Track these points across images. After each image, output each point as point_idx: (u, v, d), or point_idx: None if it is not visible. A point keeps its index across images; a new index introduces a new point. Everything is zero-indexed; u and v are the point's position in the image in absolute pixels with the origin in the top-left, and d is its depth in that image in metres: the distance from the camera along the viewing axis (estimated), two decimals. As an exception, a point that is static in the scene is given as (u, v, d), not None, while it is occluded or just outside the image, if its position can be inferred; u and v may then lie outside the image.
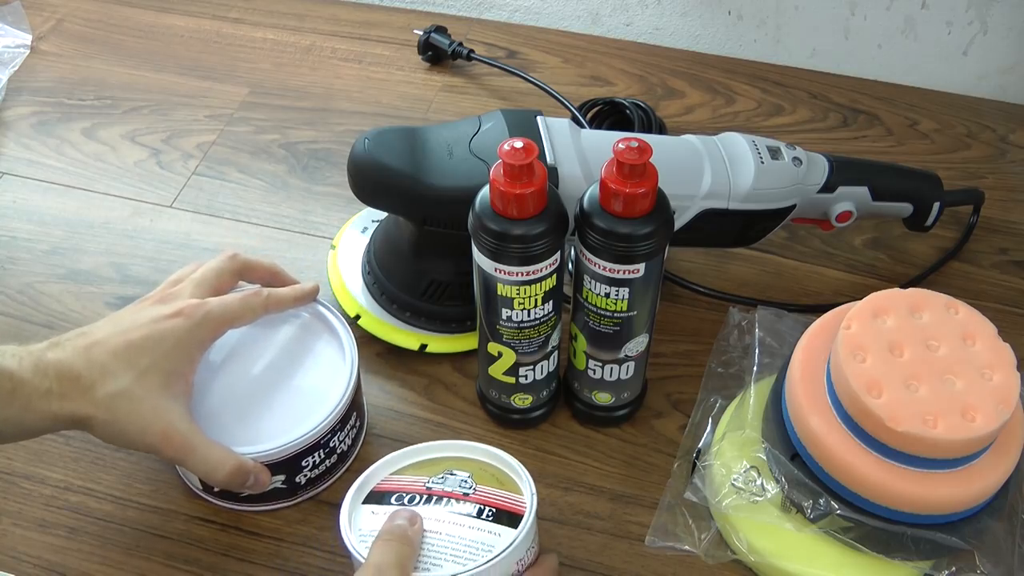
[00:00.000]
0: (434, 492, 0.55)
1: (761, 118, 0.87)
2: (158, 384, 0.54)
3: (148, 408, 0.54)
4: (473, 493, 0.55)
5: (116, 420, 0.54)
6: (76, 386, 0.53)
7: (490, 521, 0.53)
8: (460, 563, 0.51)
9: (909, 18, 0.87)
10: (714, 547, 0.60)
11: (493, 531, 0.53)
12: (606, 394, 0.64)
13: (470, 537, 0.53)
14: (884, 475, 0.53)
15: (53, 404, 0.53)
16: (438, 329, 0.69)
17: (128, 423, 0.54)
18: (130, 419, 0.54)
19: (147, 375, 0.54)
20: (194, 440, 0.55)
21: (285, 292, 0.62)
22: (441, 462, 0.57)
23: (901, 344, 0.54)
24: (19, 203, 0.81)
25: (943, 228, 0.76)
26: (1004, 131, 0.86)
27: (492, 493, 0.55)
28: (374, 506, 0.55)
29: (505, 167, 0.52)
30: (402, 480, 0.56)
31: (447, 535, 0.53)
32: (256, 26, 0.97)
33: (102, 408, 0.53)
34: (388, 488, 0.56)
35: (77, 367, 0.53)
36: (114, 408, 0.53)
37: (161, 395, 0.54)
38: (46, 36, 0.96)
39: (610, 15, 0.96)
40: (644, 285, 0.56)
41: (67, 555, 0.61)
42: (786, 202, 0.67)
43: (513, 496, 0.55)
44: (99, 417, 0.53)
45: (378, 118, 0.87)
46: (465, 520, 0.53)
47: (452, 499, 0.55)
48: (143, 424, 0.54)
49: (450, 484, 0.55)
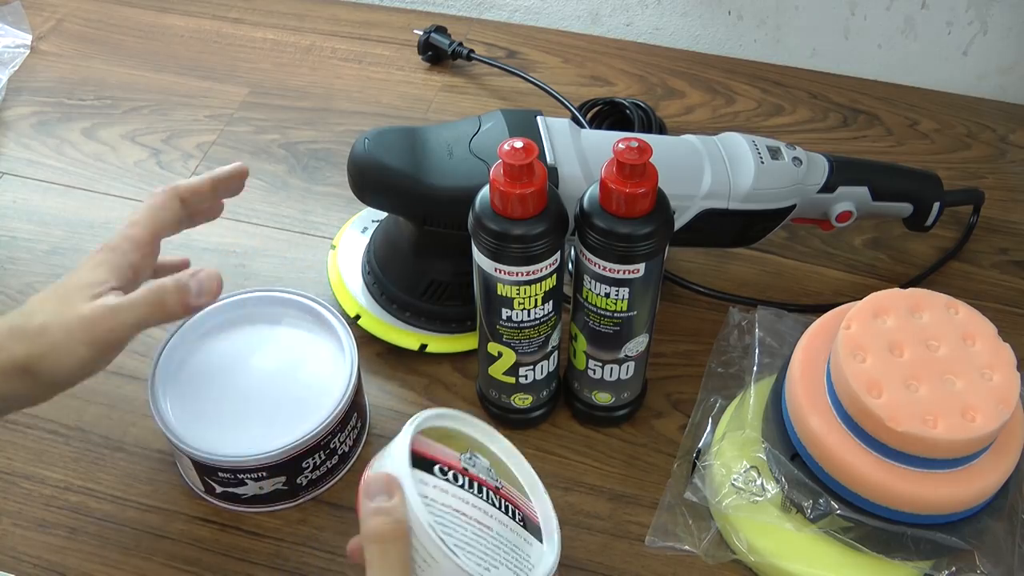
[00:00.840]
0: (471, 475, 0.51)
1: (761, 118, 0.87)
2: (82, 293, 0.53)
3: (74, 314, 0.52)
4: (502, 488, 0.52)
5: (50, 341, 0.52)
6: (12, 333, 0.52)
7: (521, 526, 0.51)
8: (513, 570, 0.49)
9: (909, 18, 0.87)
10: (714, 547, 0.60)
11: (527, 539, 0.51)
12: (606, 394, 0.64)
13: (512, 541, 0.50)
14: (884, 475, 0.53)
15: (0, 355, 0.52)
16: (438, 329, 0.69)
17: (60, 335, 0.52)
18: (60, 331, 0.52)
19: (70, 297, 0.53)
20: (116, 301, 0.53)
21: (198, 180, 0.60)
22: (462, 439, 0.54)
23: (901, 344, 0.54)
24: (19, 203, 0.82)
25: (943, 228, 0.76)
26: (1004, 131, 0.86)
27: (512, 494, 0.53)
28: (422, 474, 0.49)
29: (505, 167, 0.52)
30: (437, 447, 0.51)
31: (498, 534, 0.50)
32: (256, 26, 0.97)
33: (35, 337, 0.52)
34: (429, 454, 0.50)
35: (12, 317, 0.53)
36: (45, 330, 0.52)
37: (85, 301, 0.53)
38: (46, 36, 0.96)
39: (610, 15, 0.96)
40: (644, 285, 0.56)
41: (67, 555, 0.61)
42: (786, 202, 0.67)
43: (524, 501, 0.53)
44: (34, 348, 0.52)
45: (378, 118, 0.87)
46: (505, 520, 0.51)
47: (487, 489, 0.51)
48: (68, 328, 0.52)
49: (480, 470, 0.52)
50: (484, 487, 0.51)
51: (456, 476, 0.50)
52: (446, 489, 0.49)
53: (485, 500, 0.51)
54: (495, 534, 0.50)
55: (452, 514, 0.49)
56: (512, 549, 0.50)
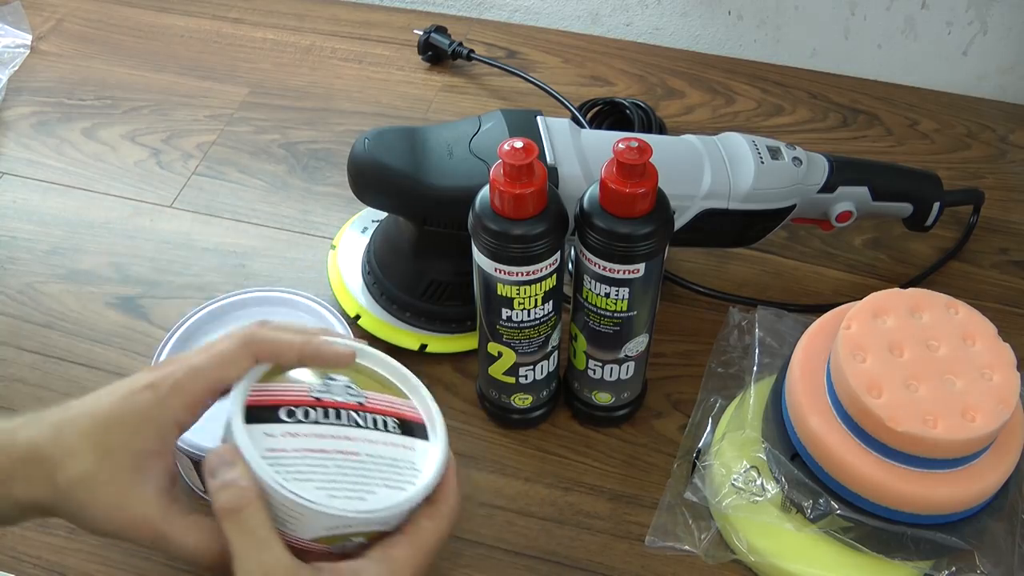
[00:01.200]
0: (324, 402, 0.49)
1: (761, 118, 0.87)
2: (126, 466, 0.47)
3: (112, 494, 0.47)
4: (366, 402, 0.50)
5: (81, 508, 0.47)
6: (40, 470, 0.47)
7: (398, 434, 0.49)
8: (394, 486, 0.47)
9: (909, 18, 0.87)
10: (714, 547, 0.60)
11: (406, 445, 0.49)
12: (606, 394, 0.64)
13: (388, 455, 0.48)
14: (884, 475, 0.53)
15: (16, 489, 0.47)
16: (438, 329, 0.69)
17: (94, 511, 0.47)
18: (95, 507, 0.47)
19: (112, 456, 0.47)
20: (169, 526, 0.48)
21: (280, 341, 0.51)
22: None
23: (901, 344, 0.54)
24: (19, 203, 0.81)
25: (943, 228, 0.76)
26: (1004, 131, 0.86)
27: (382, 400, 0.50)
28: (266, 426, 0.47)
29: (505, 167, 0.52)
30: (280, 389, 0.49)
31: (366, 456, 0.48)
32: (256, 26, 0.97)
33: (62, 495, 0.47)
34: (271, 401, 0.48)
35: (45, 448, 0.47)
36: (75, 495, 0.47)
37: (128, 479, 0.47)
38: (46, 36, 0.96)
39: (610, 15, 0.96)
40: (644, 285, 0.56)
41: (67, 555, 0.61)
42: (786, 202, 0.67)
43: (401, 402, 0.51)
44: (61, 506, 0.47)
45: (378, 118, 0.87)
46: (375, 436, 0.49)
47: (348, 411, 0.49)
48: (109, 512, 0.47)
49: (337, 392, 0.49)
50: (343, 410, 0.49)
51: (307, 412, 0.48)
52: (296, 431, 0.47)
53: (347, 424, 0.48)
54: (363, 457, 0.48)
55: (307, 456, 0.47)
56: (389, 464, 0.48)
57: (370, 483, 0.47)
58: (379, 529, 0.48)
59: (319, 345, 0.51)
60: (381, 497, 0.47)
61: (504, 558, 0.60)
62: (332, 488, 0.46)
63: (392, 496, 0.47)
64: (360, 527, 0.47)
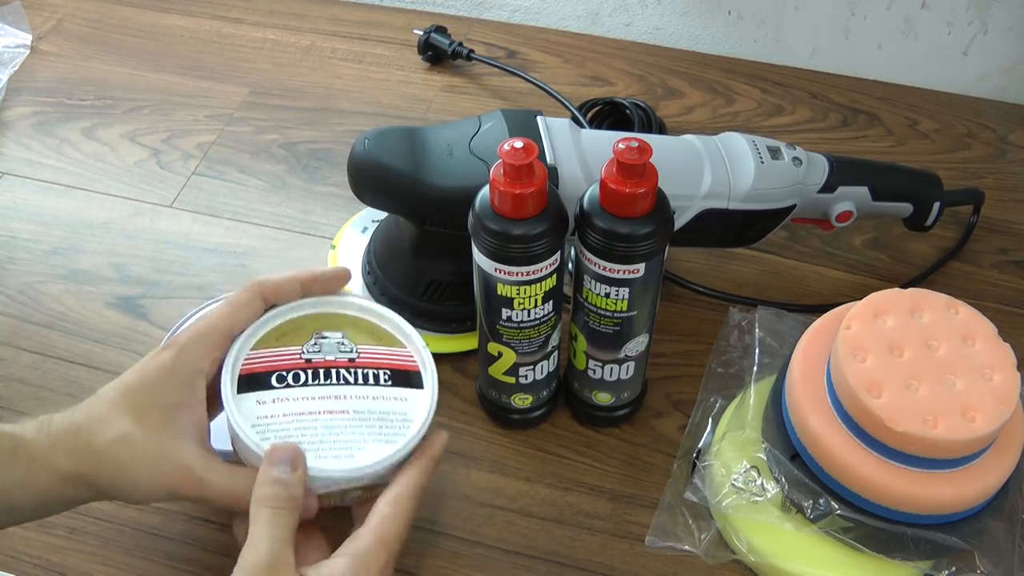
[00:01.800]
0: (315, 363, 0.50)
1: (761, 118, 0.87)
2: (160, 422, 0.50)
3: (153, 449, 0.50)
4: (358, 356, 0.51)
5: (122, 469, 0.50)
6: (77, 440, 0.50)
7: (390, 386, 0.50)
8: (385, 440, 0.48)
9: (909, 18, 0.87)
10: (714, 547, 0.60)
11: (398, 396, 0.50)
12: (606, 394, 0.64)
13: (379, 409, 0.50)
14: (884, 475, 0.53)
15: (58, 461, 0.49)
16: (438, 329, 0.69)
17: (135, 470, 0.50)
18: (136, 465, 0.50)
19: (146, 415, 0.50)
20: (210, 473, 0.50)
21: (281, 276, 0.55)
22: (305, 324, 0.53)
23: (901, 344, 0.54)
24: (19, 203, 0.81)
25: (943, 228, 0.76)
26: (1004, 131, 0.86)
27: (375, 352, 0.51)
28: (257, 393, 0.49)
29: (505, 167, 0.52)
30: (272, 355, 0.51)
31: (355, 413, 0.49)
32: (256, 26, 0.97)
33: (105, 459, 0.49)
34: (262, 368, 0.50)
35: (77, 421, 0.50)
36: (117, 456, 0.49)
37: (165, 433, 0.50)
38: (46, 36, 0.96)
39: (610, 15, 0.96)
40: (644, 285, 0.56)
41: (67, 555, 0.61)
42: (786, 202, 0.67)
43: (397, 351, 0.51)
44: (104, 470, 0.50)
45: (378, 118, 0.87)
46: (365, 391, 0.50)
47: (338, 369, 0.50)
48: (150, 467, 0.50)
49: (328, 350, 0.51)
50: (334, 369, 0.50)
51: (297, 376, 0.50)
52: (286, 396, 0.49)
53: (337, 383, 0.50)
54: (352, 415, 0.49)
55: (296, 419, 0.49)
56: (379, 419, 0.49)
57: (359, 440, 0.49)
58: (372, 483, 0.50)
59: (314, 271, 0.55)
60: (369, 453, 0.48)
61: (504, 558, 0.60)
62: (320, 449, 0.48)
63: (380, 451, 0.49)
64: (350, 484, 0.49)
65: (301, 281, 0.55)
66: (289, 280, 0.54)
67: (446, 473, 0.64)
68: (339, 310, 0.54)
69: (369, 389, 0.51)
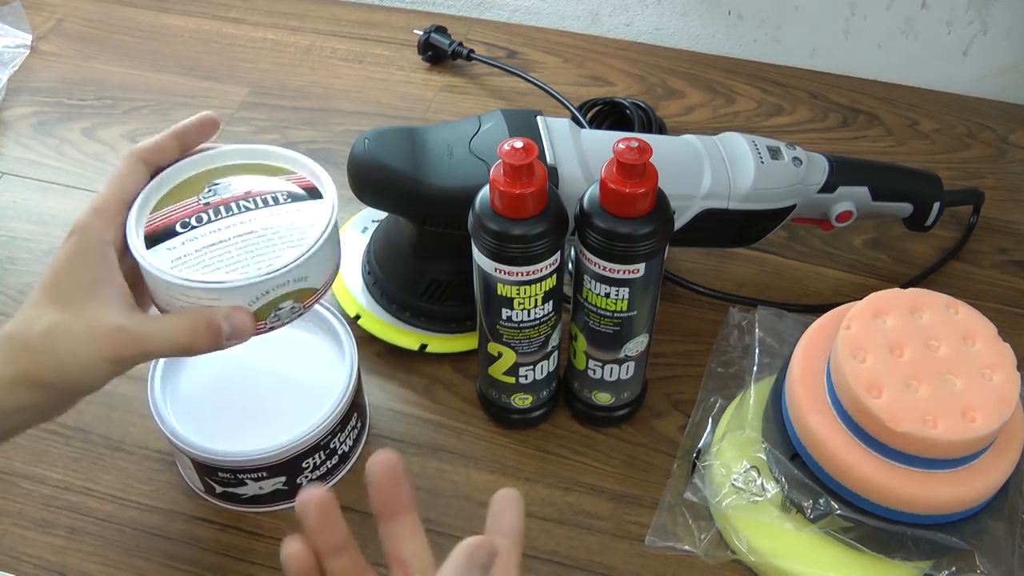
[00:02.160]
0: (214, 203, 0.53)
1: (761, 118, 0.87)
2: (83, 300, 0.50)
3: (83, 327, 0.50)
4: (253, 189, 0.54)
5: (60, 355, 0.50)
6: (12, 344, 0.50)
7: (289, 203, 0.53)
8: (296, 244, 0.51)
9: (909, 18, 0.87)
10: (714, 547, 0.60)
11: (299, 209, 0.53)
12: (606, 394, 0.64)
13: (285, 222, 0.52)
14: (884, 475, 0.53)
15: (2, 370, 0.49)
16: (438, 329, 0.69)
17: (74, 351, 0.50)
18: (73, 346, 0.50)
19: (68, 299, 0.50)
20: (142, 325, 0.51)
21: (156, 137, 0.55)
22: (196, 180, 0.55)
23: (901, 344, 0.54)
24: (19, 203, 0.81)
25: (943, 228, 0.76)
26: (1004, 131, 0.86)
27: (268, 183, 0.54)
28: (167, 242, 0.51)
29: (505, 167, 0.52)
30: (171, 210, 0.53)
31: (264, 230, 0.52)
32: (256, 26, 0.97)
33: (42, 351, 0.49)
34: (165, 223, 0.52)
35: (7, 330, 0.50)
36: (52, 345, 0.49)
37: (90, 308, 0.50)
38: (46, 36, 0.96)
39: (610, 15, 0.96)
40: (644, 285, 0.56)
41: (67, 555, 0.61)
42: (786, 202, 0.67)
43: (287, 177, 0.55)
44: (45, 362, 0.49)
45: (378, 118, 0.87)
46: (268, 212, 0.53)
47: (237, 201, 0.53)
48: (87, 343, 0.50)
49: (223, 191, 0.54)
50: (234, 202, 0.53)
51: (200, 218, 0.52)
52: (194, 236, 0.52)
53: (239, 212, 0.53)
54: (260, 231, 0.52)
55: (210, 250, 0.51)
56: (288, 229, 0.52)
57: (273, 250, 0.51)
58: (300, 287, 0.52)
59: (184, 123, 0.56)
60: (285, 256, 0.51)
61: (504, 558, 0.60)
62: (239, 266, 0.51)
63: (294, 252, 0.51)
64: (278, 288, 0.51)
65: (176, 135, 0.55)
66: (164, 138, 0.55)
67: (446, 473, 0.64)
68: (224, 161, 0.56)
69: (271, 209, 0.53)
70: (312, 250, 0.51)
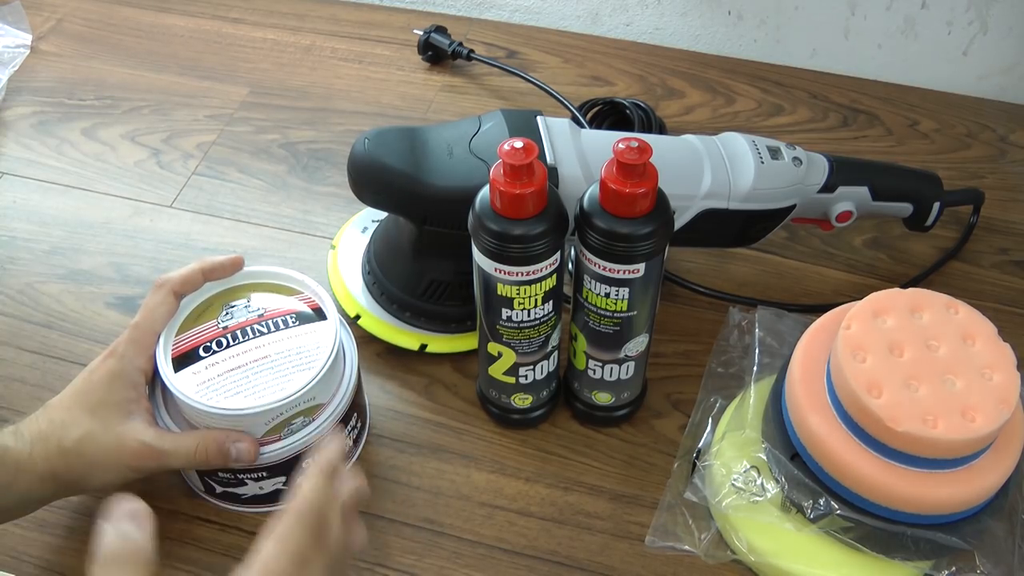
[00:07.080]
0: (231, 328, 0.59)
1: (761, 118, 0.87)
2: (114, 416, 0.57)
3: (112, 437, 0.57)
4: (266, 312, 0.60)
5: (89, 461, 0.57)
6: (48, 444, 0.56)
7: (298, 325, 0.60)
8: (305, 368, 0.57)
9: (909, 18, 0.87)
10: (714, 547, 0.60)
11: (307, 331, 0.59)
12: (606, 394, 0.64)
13: (295, 346, 0.59)
14: (884, 475, 0.53)
15: (36, 464, 0.56)
16: (438, 329, 0.69)
17: (100, 457, 0.57)
18: (100, 453, 0.57)
19: (99, 412, 0.57)
20: (162, 443, 0.57)
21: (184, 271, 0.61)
22: (213, 302, 0.61)
23: (901, 344, 0.54)
24: (19, 203, 0.82)
25: (943, 228, 0.76)
26: (1004, 131, 0.86)
27: (278, 303, 0.61)
28: (191, 367, 0.58)
29: (505, 167, 0.52)
30: (194, 334, 0.59)
31: (276, 355, 0.58)
32: (256, 26, 0.97)
33: (73, 455, 0.56)
34: (188, 347, 0.59)
35: (43, 429, 0.57)
36: (82, 451, 0.56)
37: (119, 423, 0.57)
38: (46, 36, 0.96)
39: (610, 15, 0.96)
40: (644, 285, 0.56)
41: (67, 555, 0.61)
42: (786, 202, 0.67)
43: (296, 298, 0.61)
44: (74, 465, 0.56)
45: (378, 118, 0.87)
46: (279, 336, 0.59)
47: (252, 326, 0.59)
48: (113, 451, 0.57)
49: (238, 315, 0.60)
50: (248, 327, 0.60)
51: (220, 342, 0.59)
52: (215, 361, 0.58)
53: (253, 337, 0.59)
54: (274, 356, 0.58)
55: (230, 375, 0.57)
56: (297, 353, 0.58)
57: (285, 374, 0.57)
58: (310, 404, 0.58)
59: (213, 260, 0.62)
60: (296, 381, 0.57)
61: (504, 558, 0.60)
62: (258, 391, 0.57)
63: (304, 376, 0.57)
64: (290, 410, 0.57)
65: (202, 271, 0.61)
66: (192, 272, 0.61)
67: (446, 473, 0.64)
68: (238, 281, 0.62)
69: (282, 333, 0.59)
70: (317, 377, 0.57)
